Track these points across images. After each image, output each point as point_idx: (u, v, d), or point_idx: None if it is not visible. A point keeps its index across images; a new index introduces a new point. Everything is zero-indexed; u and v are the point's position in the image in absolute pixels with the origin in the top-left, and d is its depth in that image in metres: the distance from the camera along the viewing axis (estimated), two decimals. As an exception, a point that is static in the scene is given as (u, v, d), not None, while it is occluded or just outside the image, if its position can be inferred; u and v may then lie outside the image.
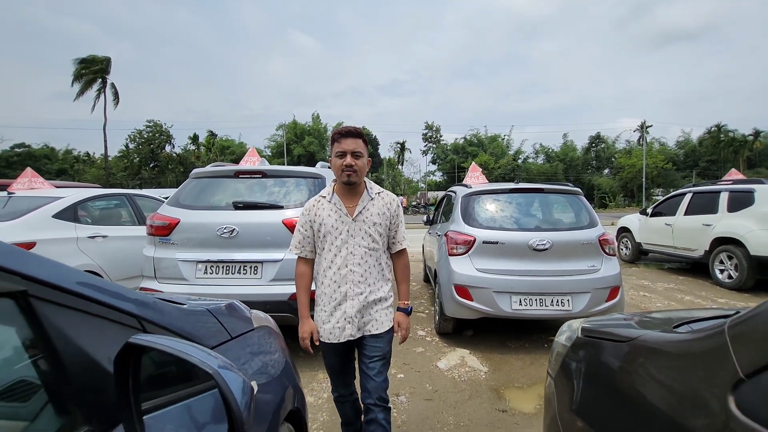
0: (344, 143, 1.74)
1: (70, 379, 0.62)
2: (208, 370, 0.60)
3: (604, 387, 1.02)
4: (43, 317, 0.59)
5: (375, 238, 1.80)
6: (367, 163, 1.82)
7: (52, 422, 0.63)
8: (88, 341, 0.65)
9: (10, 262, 0.56)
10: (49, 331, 0.60)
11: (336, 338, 1.78)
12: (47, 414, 0.63)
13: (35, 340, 0.60)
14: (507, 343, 3.88)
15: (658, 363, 0.86)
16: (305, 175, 3.65)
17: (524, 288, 3.53)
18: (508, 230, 3.71)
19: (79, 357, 0.63)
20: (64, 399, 0.63)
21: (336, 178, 1.84)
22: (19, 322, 0.58)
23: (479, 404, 2.76)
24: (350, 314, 1.76)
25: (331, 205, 1.81)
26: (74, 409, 0.63)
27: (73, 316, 0.63)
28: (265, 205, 3.34)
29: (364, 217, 1.80)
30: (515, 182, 4.24)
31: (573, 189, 4.07)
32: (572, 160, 50.00)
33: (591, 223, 3.82)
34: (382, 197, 1.87)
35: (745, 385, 0.63)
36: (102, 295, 0.69)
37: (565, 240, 3.63)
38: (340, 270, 1.76)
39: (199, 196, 3.49)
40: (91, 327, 0.66)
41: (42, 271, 0.60)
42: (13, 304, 0.57)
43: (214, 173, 3.66)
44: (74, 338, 0.63)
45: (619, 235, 9.28)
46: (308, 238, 1.85)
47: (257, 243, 3.21)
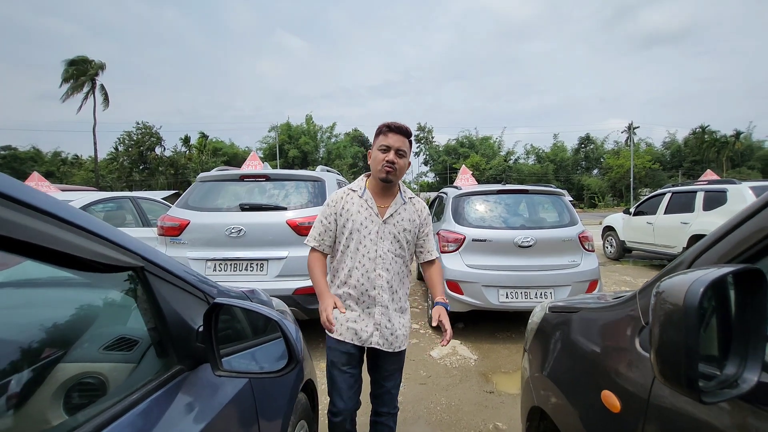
0: (391, 138, 1.62)
1: (168, 331, 0.86)
2: (274, 318, 0.85)
3: (561, 347, 1.29)
4: (153, 286, 0.83)
5: (403, 244, 1.68)
6: (407, 166, 1.70)
7: (155, 363, 0.87)
8: (178, 306, 0.89)
9: (135, 246, 0.80)
10: (156, 296, 0.84)
11: (363, 341, 1.64)
12: (150, 356, 0.88)
13: (147, 303, 0.84)
14: (495, 334, 4.16)
15: (595, 323, 1.14)
16: (306, 178, 3.90)
17: (510, 282, 3.81)
18: (496, 229, 3.99)
19: (174, 316, 0.88)
20: (164, 346, 0.88)
21: (372, 173, 1.70)
22: (139, 288, 0.83)
23: (469, 387, 3.03)
24: (380, 321, 1.65)
25: (362, 201, 1.67)
26: (171, 353, 0.88)
27: (170, 288, 0.88)
28: (269, 207, 3.58)
29: (395, 220, 1.67)
30: (502, 184, 4.53)
31: (555, 190, 4.38)
32: (562, 160, 50.78)
33: (572, 221, 4.12)
34: (414, 203, 1.76)
35: (644, 329, 0.90)
36: (186, 275, 0.93)
37: (548, 237, 3.92)
38: (369, 273, 1.63)
39: (206, 199, 3.72)
40: (180, 296, 0.90)
41: (153, 255, 0.84)
42: (135, 276, 0.82)
43: (220, 177, 3.88)
44: (171, 303, 0.87)
45: (604, 233, 9.66)
46: (330, 231, 1.69)
47: (263, 242, 3.44)
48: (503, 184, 4.46)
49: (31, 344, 0.80)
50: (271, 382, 1.27)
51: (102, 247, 0.73)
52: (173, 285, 0.89)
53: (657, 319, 0.58)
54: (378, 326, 1.65)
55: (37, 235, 0.60)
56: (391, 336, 1.66)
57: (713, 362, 0.62)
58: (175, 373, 0.88)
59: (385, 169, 1.61)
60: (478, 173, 44.61)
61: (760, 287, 0.58)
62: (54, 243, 0.64)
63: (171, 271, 0.89)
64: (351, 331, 1.65)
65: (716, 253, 0.75)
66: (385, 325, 1.66)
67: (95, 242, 0.72)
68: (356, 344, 1.65)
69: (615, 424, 0.94)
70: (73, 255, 0.68)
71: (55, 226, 0.64)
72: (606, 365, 1.00)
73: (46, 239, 0.62)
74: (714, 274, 0.55)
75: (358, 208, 1.66)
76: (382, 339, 1.65)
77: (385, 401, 1.75)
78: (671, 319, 0.55)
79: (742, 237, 0.70)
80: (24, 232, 0.57)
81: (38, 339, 0.81)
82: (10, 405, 0.70)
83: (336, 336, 1.65)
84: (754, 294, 0.58)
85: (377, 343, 1.65)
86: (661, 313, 0.57)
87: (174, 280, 0.90)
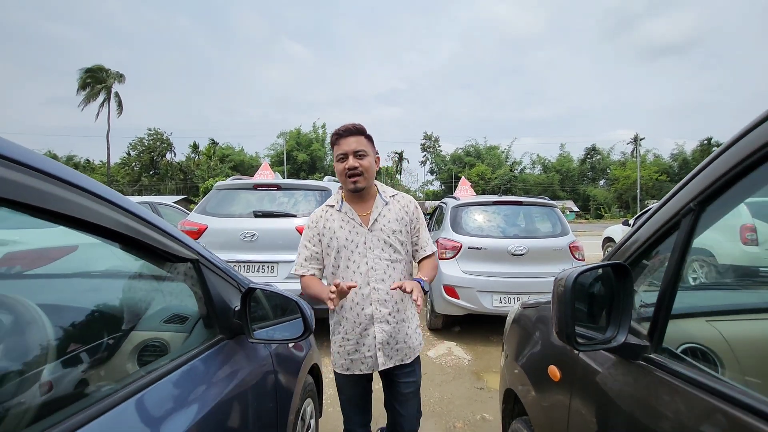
0: (344, 144, 1.51)
1: (214, 309, 1.15)
2: (293, 299, 1.13)
3: (525, 337, 1.55)
4: (204, 275, 1.11)
5: (396, 247, 1.56)
6: (376, 162, 1.59)
7: (203, 333, 1.16)
8: (221, 290, 1.18)
9: (192, 244, 1.09)
10: (206, 283, 1.13)
11: (369, 368, 1.55)
12: (199, 327, 1.16)
13: (199, 287, 1.13)
14: (489, 338, 4.40)
15: (545, 313, 1.40)
16: (313, 187, 4.20)
17: (504, 288, 4.06)
18: (491, 237, 4.26)
19: (217, 298, 1.16)
20: (210, 320, 1.16)
21: (342, 186, 1.61)
22: (194, 276, 1.11)
23: (461, 383, 3.28)
24: (381, 339, 1.53)
25: (341, 215, 1.57)
26: (215, 326, 1.16)
27: (215, 277, 1.16)
28: (280, 214, 3.89)
29: (381, 225, 1.56)
30: (499, 195, 4.81)
31: (548, 202, 4.64)
32: (568, 171, 50.89)
33: (563, 232, 4.37)
34: (398, 200, 1.64)
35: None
36: (226, 268, 1.23)
37: (540, 246, 4.17)
38: (362, 289, 1.51)
39: (222, 206, 4.04)
40: (221, 284, 1.19)
41: (203, 251, 1.13)
42: (192, 266, 1.11)
43: (235, 186, 4.20)
44: (216, 288, 1.15)
45: (604, 244, 9.86)
46: (316, 254, 1.59)
47: (274, 246, 3.74)
48: (499, 195, 4.74)
49: (115, 318, 1.09)
50: (286, 358, 1.55)
51: (172, 242, 1.02)
52: (217, 275, 1.18)
53: (554, 297, 0.85)
54: (380, 345, 1.53)
55: (130, 230, 0.88)
56: (391, 351, 1.57)
57: (601, 329, 0.89)
58: (217, 340, 1.16)
59: (350, 179, 1.50)
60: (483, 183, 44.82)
61: (627, 277, 0.84)
62: (141, 237, 0.92)
63: (216, 264, 1.18)
64: (356, 364, 1.56)
65: (622, 253, 1.02)
66: (386, 341, 1.54)
67: (168, 239, 1.01)
68: (363, 373, 1.58)
69: (557, 389, 1.20)
70: (153, 247, 0.97)
71: (141, 225, 0.93)
72: (550, 346, 1.27)
73: (137, 233, 0.90)
74: (586, 267, 0.82)
75: (339, 224, 1.56)
76: (384, 357, 1.55)
77: (403, 425, 1.62)
78: (560, 297, 0.82)
79: (631, 242, 0.97)
80: (122, 227, 0.86)
81: (120, 314, 1.10)
82: (102, 360, 0.98)
83: (339, 370, 1.60)
84: (624, 282, 0.85)
85: (382, 364, 1.55)
86: (556, 294, 0.84)
87: (218, 271, 1.18)
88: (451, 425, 2.63)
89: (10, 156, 0.62)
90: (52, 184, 0.69)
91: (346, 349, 1.56)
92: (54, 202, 0.69)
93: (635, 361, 0.85)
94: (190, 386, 1.04)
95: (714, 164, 0.76)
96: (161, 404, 0.92)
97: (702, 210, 0.78)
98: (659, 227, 0.87)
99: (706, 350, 0.90)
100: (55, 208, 0.69)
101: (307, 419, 1.87)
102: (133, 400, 0.85)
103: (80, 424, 0.70)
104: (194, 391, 1.04)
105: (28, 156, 0.66)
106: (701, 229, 0.80)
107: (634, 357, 0.85)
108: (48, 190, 0.67)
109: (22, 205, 0.64)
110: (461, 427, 2.62)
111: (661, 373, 0.79)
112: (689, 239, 0.79)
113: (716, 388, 0.67)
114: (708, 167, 0.78)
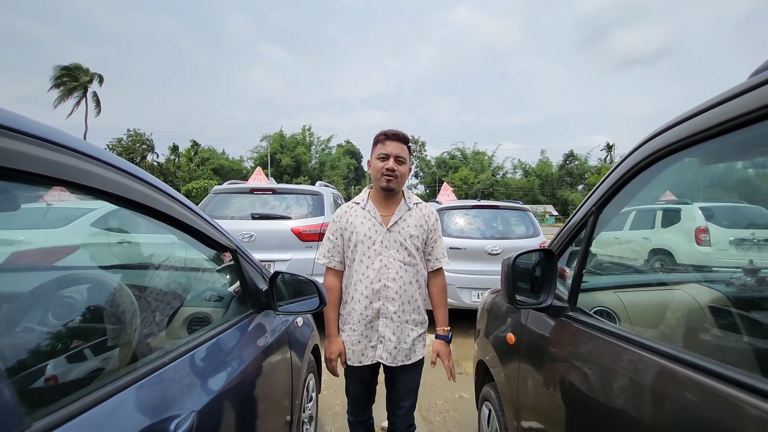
0: (389, 146, 1.62)
1: (248, 288, 1.47)
2: (311, 279, 1.46)
3: (492, 315, 1.92)
4: (240, 264, 1.44)
5: (411, 251, 1.65)
6: (408, 172, 1.69)
7: (237, 308, 1.47)
8: (252, 275, 1.49)
9: (232, 237, 1.41)
10: (242, 269, 1.44)
11: (369, 360, 1.65)
12: (235, 304, 1.48)
13: (237, 273, 1.45)
14: (468, 330, 4.78)
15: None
16: (306, 192, 4.51)
17: (481, 284, 4.45)
18: (470, 238, 4.65)
19: (250, 281, 1.47)
20: (243, 299, 1.47)
21: (373, 182, 1.72)
22: (235, 264, 1.43)
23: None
24: (384, 334, 1.63)
25: (365, 213, 1.68)
26: (247, 302, 1.48)
27: (248, 265, 1.47)
28: (276, 216, 4.18)
29: (399, 228, 1.65)
30: (477, 200, 5.22)
31: (522, 206, 5.07)
32: (548, 175, 52.34)
33: (535, 233, 4.80)
34: (420, 208, 1.73)
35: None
36: (253, 257, 1.55)
37: (514, 246, 4.58)
38: (373, 284, 1.62)
39: (221, 208, 4.30)
40: (252, 270, 1.50)
41: (239, 244, 1.45)
42: (231, 255, 1.43)
43: (232, 190, 4.48)
44: (249, 273, 1.48)
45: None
46: (338, 247, 1.72)
47: (270, 246, 4.03)
48: (478, 200, 5.15)
49: (171, 296, 1.39)
50: (297, 334, 1.87)
51: (220, 235, 1.34)
52: (249, 263, 1.50)
53: (501, 273, 1.21)
54: (382, 339, 1.63)
55: (195, 224, 1.19)
56: (394, 350, 1.64)
57: (537, 295, 1.25)
58: (249, 314, 1.48)
59: (385, 177, 1.61)
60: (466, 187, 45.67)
61: (553, 259, 1.21)
62: (202, 229, 1.24)
63: (248, 254, 1.50)
64: (356, 355, 1.67)
65: (552, 243, 1.39)
66: (389, 338, 1.63)
67: (218, 231, 1.33)
68: (363, 364, 1.68)
69: (512, 351, 1.56)
70: (207, 237, 1.28)
71: (202, 221, 1.24)
72: (508, 319, 1.63)
73: (200, 227, 1.22)
74: (523, 252, 1.19)
75: (361, 220, 1.67)
76: (385, 353, 1.63)
77: (400, 421, 1.75)
78: (505, 272, 1.18)
79: (558, 235, 1.34)
80: (190, 221, 1.17)
81: (173, 293, 1.41)
82: (161, 328, 1.29)
83: (350, 363, 1.70)
84: (551, 263, 1.21)
85: (380, 357, 1.64)
86: (502, 271, 1.20)
87: (250, 260, 1.51)
88: (433, 402, 2.98)
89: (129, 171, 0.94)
90: (159, 195, 1.01)
91: (350, 339, 1.67)
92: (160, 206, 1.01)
93: (558, 318, 1.21)
94: (229, 348, 1.35)
95: (606, 181, 1.13)
96: (208, 361, 1.22)
97: (599, 212, 1.15)
98: (575, 224, 1.24)
99: (609, 311, 1.28)
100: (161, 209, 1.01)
101: (310, 392, 2.19)
102: (187, 357, 1.14)
103: (153, 371, 0.91)
104: (232, 352, 1.35)
105: (135, 169, 0.97)
106: (600, 226, 1.18)
107: (558, 315, 1.21)
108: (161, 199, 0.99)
109: (143, 209, 0.96)
110: (441, 403, 2.98)
111: (576, 325, 1.16)
112: (592, 232, 1.17)
113: (614, 332, 1.01)
114: (603, 182, 1.15)
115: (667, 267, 3.63)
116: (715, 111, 0.78)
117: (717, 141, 0.80)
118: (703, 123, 0.81)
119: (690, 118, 0.85)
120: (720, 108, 0.77)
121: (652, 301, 1.38)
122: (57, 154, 0.69)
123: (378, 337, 1.64)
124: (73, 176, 0.73)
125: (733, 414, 0.64)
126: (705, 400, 0.69)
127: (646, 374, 0.83)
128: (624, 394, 0.88)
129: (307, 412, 2.13)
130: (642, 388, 0.83)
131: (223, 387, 1.08)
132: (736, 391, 0.64)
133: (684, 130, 0.86)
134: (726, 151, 0.89)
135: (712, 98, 0.81)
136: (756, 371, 0.65)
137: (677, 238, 7.59)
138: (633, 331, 0.98)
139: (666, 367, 0.79)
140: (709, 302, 1.16)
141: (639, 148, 1.02)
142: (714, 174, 1.17)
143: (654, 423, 0.79)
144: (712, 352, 1.05)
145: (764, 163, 1.00)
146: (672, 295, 1.35)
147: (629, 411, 0.85)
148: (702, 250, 6.02)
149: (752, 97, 0.70)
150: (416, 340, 1.69)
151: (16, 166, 0.60)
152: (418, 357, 1.71)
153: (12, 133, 0.60)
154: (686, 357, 0.76)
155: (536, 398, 1.29)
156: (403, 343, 1.65)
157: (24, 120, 0.64)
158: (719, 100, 0.78)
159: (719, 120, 0.76)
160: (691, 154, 0.92)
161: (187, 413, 0.83)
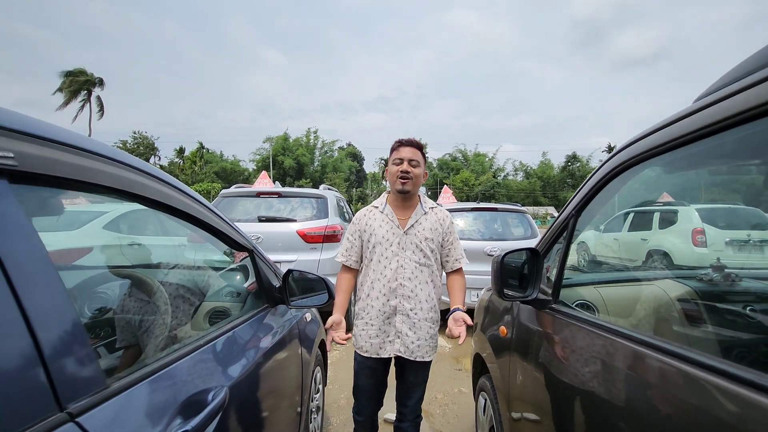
0: (403, 151, 1.75)
1: (263, 285, 1.61)
2: (321, 276, 1.61)
3: (488, 311, 2.06)
4: (256, 263, 1.58)
5: (426, 253, 1.74)
6: (424, 176, 1.80)
7: (253, 303, 1.62)
8: (266, 274, 1.64)
9: (249, 239, 1.56)
10: (258, 268, 1.59)
11: (388, 353, 1.74)
12: (251, 299, 1.62)
13: (253, 272, 1.59)
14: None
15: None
16: (311, 195, 4.66)
17: (480, 284, 4.56)
18: (469, 240, 4.79)
19: (265, 278, 1.62)
20: (261, 293, 1.62)
21: (390, 187, 1.83)
22: (250, 264, 1.58)
23: (442, 366, 3.77)
24: (401, 330, 1.72)
25: (383, 216, 1.79)
26: (262, 297, 1.62)
27: (263, 264, 1.62)
28: (282, 219, 4.33)
29: (416, 230, 1.75)
30: (477, 202, 5.36)
31: (519, 209, 5.21)
32: (549, 177, 52.37)
33: (532, 234, 4.94)
34: (436, 212, 1.83)
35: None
36: (267, 257, 1.70)
37: (511, 247, 4.70)
38: (390, 283, 1.72)
39: (229, 211, 4.45)
40: (267, 269, 1.64)
41: (255, 245, 1.59)
42: (248, 255, 1.57)
43: (239, 193, 4.63)
44: (264, 272, 1.62)
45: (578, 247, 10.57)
46: (356, 247, 1.83)
47: (276, 247, 4.18)
48: (477, 203, 5.29)
49: (194, 292, 1.54)
50: (306, 329, 2.01)
51: (238, 236, 1.49)
52: (264, 263, 1.65)
53: (492, 270, 1.35)
54: (399, 334, 1.72)
55: (218, 225, 1.34)
56: (412, 344, 1.73)
57: (524, 290, 1.39)
58: (264, 308, 1.62)
59: (400, 180, 1.73)
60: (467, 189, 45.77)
61: (539, 257, 1.35)
62: (224, 230, 1.38)
63: (263, 254, 1.65)
64: (374, 347, 1.75)
65: (539, 243, 1.53)
66: (405, 333, 1.73)
67: (237, 233, 1.47)
68: (381, 357, 1.75)
69: (504, 343, 1.70)
70: (228, 237, 1.43)
71: (224, 223, 1.39)
72: (501, 313, 1.77)
73: (222, 227, 1.36)
74: (511, 250, 1.33)
75: (380, 223, 1.78)
76: (402, 347, 1.73)
77: (409, 411, 1.83)
78: (494, 268, 1.32)
79: (544, 236, 1.48)
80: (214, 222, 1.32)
81: (196, 290, 1.56)
82: (186, 321, 1.43)
83: (360, 352, 1.79)
84: (537, 261, 1.35)
85: (398, 351, 1.73)
86: (492, 267, 1.34)
87: (265, 260, 1.65)
88: (433, 396, 3.12)
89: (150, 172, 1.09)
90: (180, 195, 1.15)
91: (368, 333, 1.76)
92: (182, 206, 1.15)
93: (543, 310, 1.35)
94: (247, 339, 1.50)
95: (584, 187, 1.28)
96: (228, 350, 1.35)
97: (578, 215, 1.30)
98: (558, 226, 1.38)
99: (589, 304, 1.42)
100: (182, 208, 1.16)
101: (317, 384, 2.33)
102: (210, 346, 1.27)
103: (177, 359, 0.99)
104: (249, 342, 1.50)
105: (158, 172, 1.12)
106: (580, 227, 1.32)
107: (542, 307, 1.35)
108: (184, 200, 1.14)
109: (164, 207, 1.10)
110: (441, 397, 3.11)
111: (559, 316, 1.30)
112: (572, 234, 1.31)
113: (593, 321, 1.14)
114: (581, 189, 1.29)
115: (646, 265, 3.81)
116: (667, 130, 0.92)
117: (670, 154, 0.94)
118: (659, 139, 0.95)
119: (650, 134, 1.00)
120: (671, 127, 0.91)
121: (628, 295, 1.52)
122: (114, 168, 0.84)
123: (396, 332, 1.73)
124: (130, 187, 0.88)
125: (695, 390, 0.73)
126: (671, 379, 0.79)
127: (618, 358, 0.95)
128: (599, 377, 1.01)
129: (315, 402, 2.27)
130: (615, 370, 0.95)
131: (248, 369, 1.23)
132: (698, 370, 0.73)
133: (645, 144, 1.00)
134: (679, 162, 1.03)
135: (666, 118, 0.95)
136: (717, 354, 0.77)
137: (674, 239, 7.75)
138: (609, 321, 1.12)
139: (638, 352, 0.89)
140: (678, 296, 1.30)
141: (611, 158, 1.16)
142: (675, 180, 1.31)
143: (627, 401, 0.90)
144: (679, 338, 1.19)
145: (706, 173, 1.15)
146: (646, 290, 1.49)
147: (604, 393, 0.97)
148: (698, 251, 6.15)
149: (693, 120, 0.84)
150: (432, 337, 1.79)
151: (63, 174, 0.67)
152: (433, 354, 1.82)
153: (66, 148, 0.70)
154: (656, 342, 0.87)
155: (524, 385, 1.43)
156: (423, 339, 1.75)
157: (79, 137, 0.79)
158: (670, 121, 0.92)
159: (670, 137, 0.91)
160: (653, 164, 1.06)
161: (221, 387, 0.97)
